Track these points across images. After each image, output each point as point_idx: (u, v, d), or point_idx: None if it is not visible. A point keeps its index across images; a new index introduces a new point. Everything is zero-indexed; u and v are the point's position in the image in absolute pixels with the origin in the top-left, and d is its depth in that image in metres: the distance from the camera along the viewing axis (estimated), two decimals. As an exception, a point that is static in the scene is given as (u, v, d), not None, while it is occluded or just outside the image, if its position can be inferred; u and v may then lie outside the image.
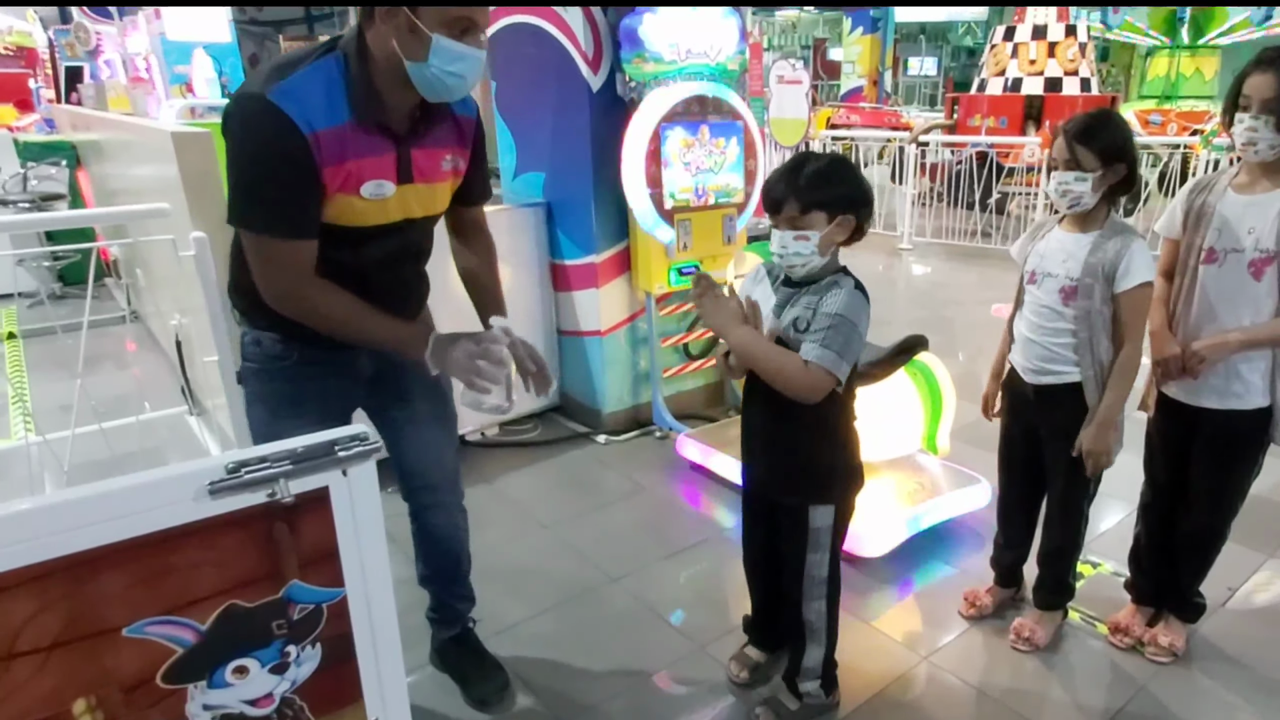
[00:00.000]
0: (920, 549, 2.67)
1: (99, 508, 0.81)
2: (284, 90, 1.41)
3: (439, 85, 1.47)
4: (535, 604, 2.43)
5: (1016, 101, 9.58)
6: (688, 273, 3.51)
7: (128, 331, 5.25)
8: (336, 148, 1.45)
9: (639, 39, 3.20)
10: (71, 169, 6.28)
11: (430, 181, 1.63)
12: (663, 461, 3.35)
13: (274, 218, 1.46)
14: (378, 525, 0.98)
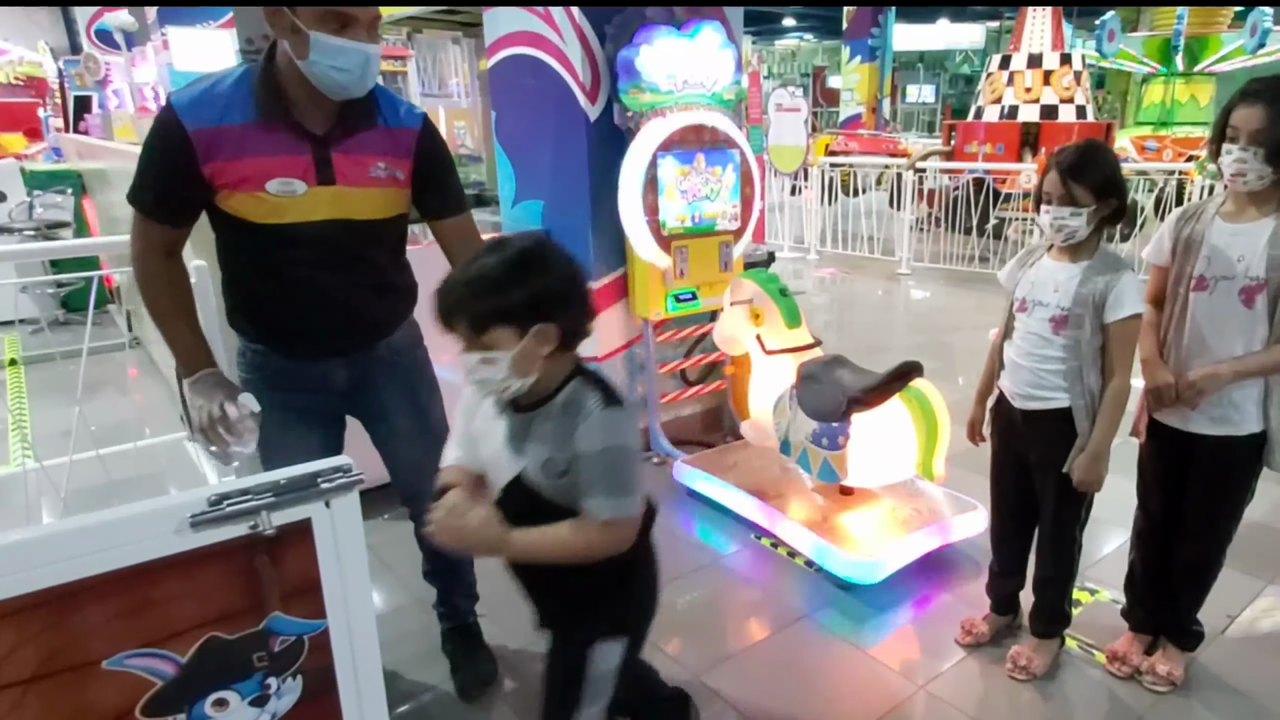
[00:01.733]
0: (916, 576, 2.65)
1: (80, 541, 0.82)
2: (183, 93, 1.58)
3: (327, 80, 1.55)
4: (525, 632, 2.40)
5: (1013, 128, 9.64)
6: (685, 299, 3.53)
7: (129, 358, 5.27)
8: (233, 145, 1.57)
9: (636, 70, 3.24)
10: (77, 197, 6.34)
11: (355, 185, 1.68)
12: (661, 488, 3.33)
13: (138, 193, 1.63)
14: (360, 556, 0.98)
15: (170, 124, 1.55)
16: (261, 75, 1.59)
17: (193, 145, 1.55)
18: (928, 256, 8.04)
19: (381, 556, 2.81)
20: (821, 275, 8.06)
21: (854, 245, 8.68)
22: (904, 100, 22.05)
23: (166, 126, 1.56)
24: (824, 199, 8.89)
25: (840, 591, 2.60)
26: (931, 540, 2.70)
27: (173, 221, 1.65)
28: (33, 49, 13.51)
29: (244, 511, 0.88)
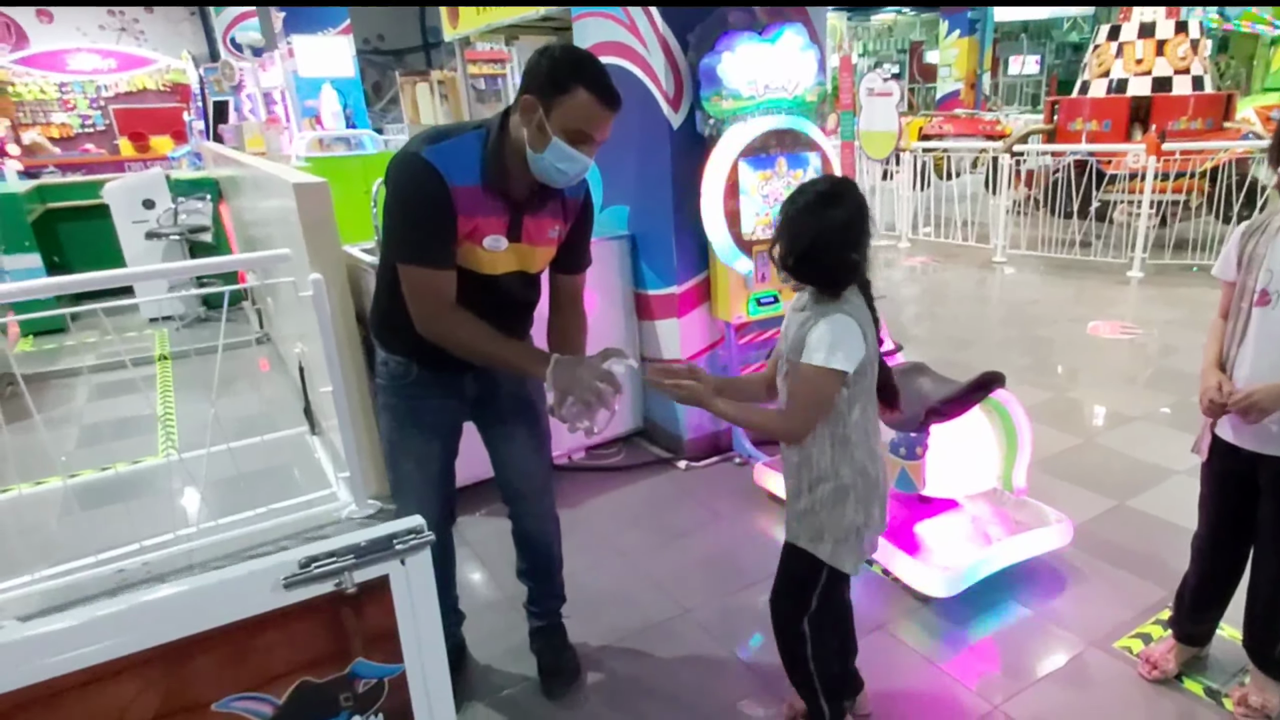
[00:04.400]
0: (997, 589, 2.58)
1: (190, 602, 0.91)
2: (436, 151, 1.72)
3: (548, 174, 1.74)
4: (608, 634, 2.49)
5: (1122, 104, 9.01)
6: (766, 302, 3.51)
7: (262, 351, 5.64)
8: (469, 203, 1.74)
9: (717, 77, 3.22)
10: (215, 203, 6.77)
11: (535, 244, 1.88)
12: (741, 489, 3.35)
13: (422, 251, 1.75)
14: (433, 607, 1.06)
15: (435, 178, 1.69)
16: (494, 147, 1.75)
17: (452, 197, 1.71)
18: (1025, 242, 7.66)
19: (477, 552, 2.94)
20: (912, 264, 7.80)
21: (947, 231, 8.35)
22: (1006, 73, 20.90)
23: (432, 180, 1.69)
24: (916, 184, 8.58)
25: (917, 603, 2.56)
26: (1014, 553, 2.62)
27: (453, 267, 1.78)
28: (177, 58, 14.44)
29: (330, 572, 0.96)
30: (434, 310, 1.78)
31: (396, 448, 2.03)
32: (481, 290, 1.82)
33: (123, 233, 6.34)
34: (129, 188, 6.47)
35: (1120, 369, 4.71)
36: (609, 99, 1.68)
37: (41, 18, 14.51)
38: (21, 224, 6.08)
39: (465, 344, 1.81)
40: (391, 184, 1.76)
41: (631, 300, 3.76)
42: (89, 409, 4.66)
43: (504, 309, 1.89)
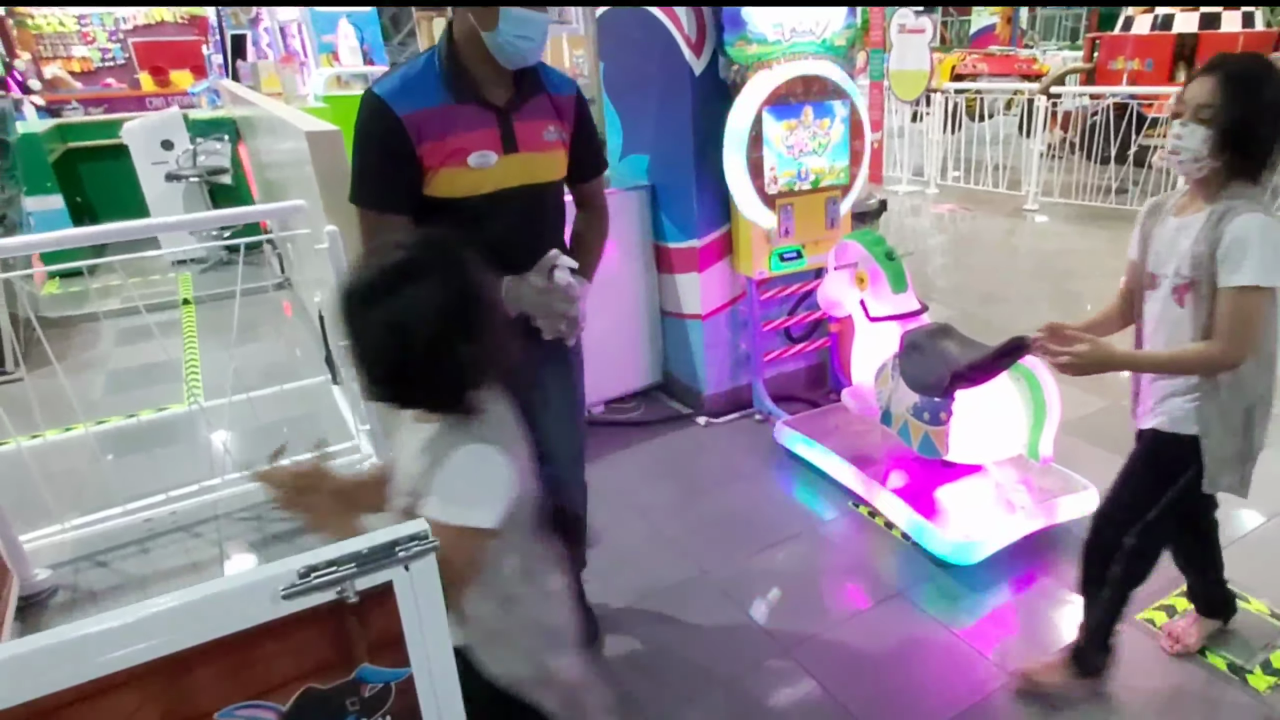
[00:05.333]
0: (1019, 557, 2.53)
1: (187, 615, 0.87)
2: (385, 82, 1.63)
3: (511, 49, 1.61)
4: (627, 594, 2.48)
5: (1166, 41, 8.60)
6: (789, 258, 3.40)
7: (285, 295, 5.61)
8: (435, 126, 1.61)
9: (742, 20, 3.06)
10: (233, 143, 6.66)
11: (534, 151, 1.74)
12: (762, 447, 3.30)
13: (367, 192, 1.67)
14: (439, 611, 1.02)
15: (383, 112, 1.59)
16: (447, 57, 1.64)
17: (406, 129, 1.59)
18: (1058, 189, 7.38)
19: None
20: (940, 211, 7.56)
21: (977, 177, 8.07)
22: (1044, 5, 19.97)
23: (380, 116, 1.59)
24: (947, 126, 8.26)
25: (937, 569, 2.52)
26: (1037, 520, 2.56)
27: (405, 210, 1.68)
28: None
29: (331, 581, 0.92)
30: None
31: None
32: (478, 218, 1.69)
33: (143, 174, 6.27)
34: (147, 128, 6.38)
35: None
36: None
37: (58, -52, 14.21)
38: (43, 165, 6.03)
39: None
40: (355, 127, 1.67)
41: (651, 253, 3.66)
42: (117, 354, 4.68)
43: (518, 233, 1.75)
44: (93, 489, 3.00)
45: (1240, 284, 1.57)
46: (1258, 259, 1.55)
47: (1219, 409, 1.71)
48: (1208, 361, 1.66)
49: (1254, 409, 1.72)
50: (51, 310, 5.33)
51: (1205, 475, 1.76)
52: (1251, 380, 1.70)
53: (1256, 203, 1.60)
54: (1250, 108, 1.56)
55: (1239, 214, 1.58)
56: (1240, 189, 1.62)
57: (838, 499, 2.93)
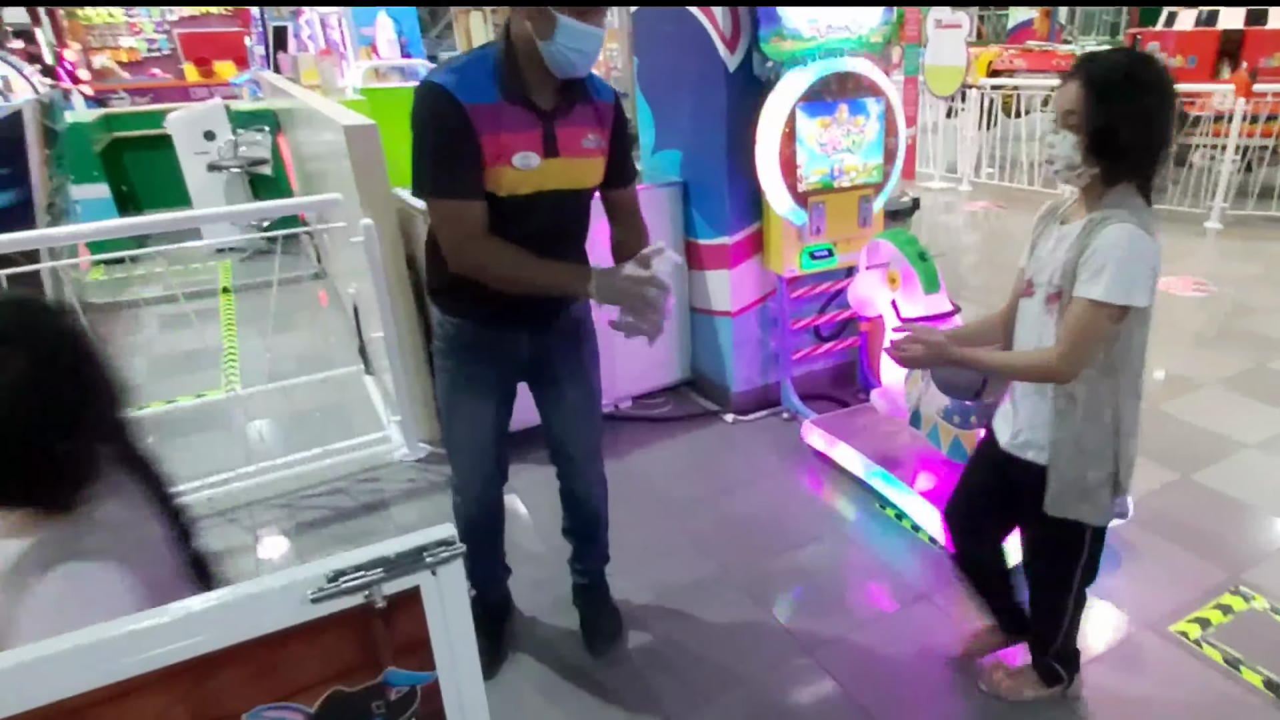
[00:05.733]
0: (1046, 563, 2.47)
1: (220, 616, 0.87)
2: (447, 72, 1.63)
3: (563, 59, 1.61)
4: (650, 591, 2.46)
5: (1210, 38, 8.34)
6: (820, 256, 3.35)
7: (321, 285, 5.67)
8: (491, 120, 1.62)
9: (777, 16, 3.00)
10: (273, 134, 6.73)
11: (574, 156, 1.74)
12: (788, 445, 3.26)
13: (443, 181, 1.64)
14: (466, 616, 1.01)
15: (450, 100, 1.58)
16: (504, 57, 1.64)
17: (470, 118, 1.59)
18: (1095, 187, 7.21)
19: (524, 500, 2.93)
20: (973, 209, 7.42)
21: (1012, 174, 7.91)
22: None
23: (445, 104, 1.58)
24: (982, 123, 8.10)
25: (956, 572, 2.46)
26: (1066, 527, 2.50)
27: (480, 195, 1.66)
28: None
29: (359, 586, 0.91)
30: (464, 242, 1.67)
31: (451, 409, 1.99)
32: (514, 217, 1.70)
33: (185, 164, 6.35)
34: (190, 119, 6.46)
35: (1190, 329, 4.42)
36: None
37: (109, -60, 14.45)
38: (90, 154, 6.13)
39: (501, 271, 1.69)
40: (412, 118, 1.65)
41: (682, 249, 3.63)
42: (158, 340, 4.76)
43: (550, 236, 1.76)
44: (133, 473, 3.05)
45: (1089, 296, 1.50)
46: (1111, 275, 1.47)
47: (1072, 431, 1.62)
48: (1040, 368, 1.60)
49: (1113, 435, 1.62)
50: (96, 296, 5.43)
51: (1047, 495, 1.67)
52: (1110, 404, 1.60)
53: (1134, 213, 1.50)
54: (1112, 112, 1.46)
55: (1109, 224, 1.49)
56: (1121, 197, 1.53)
57: (864, 500, 2.89)
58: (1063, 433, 1.62)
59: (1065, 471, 1.64)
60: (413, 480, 3.11)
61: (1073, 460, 1.63)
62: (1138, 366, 1.62)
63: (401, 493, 3.03)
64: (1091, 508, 1.65)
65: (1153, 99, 1.46)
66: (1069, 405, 1.60)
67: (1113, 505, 1.67)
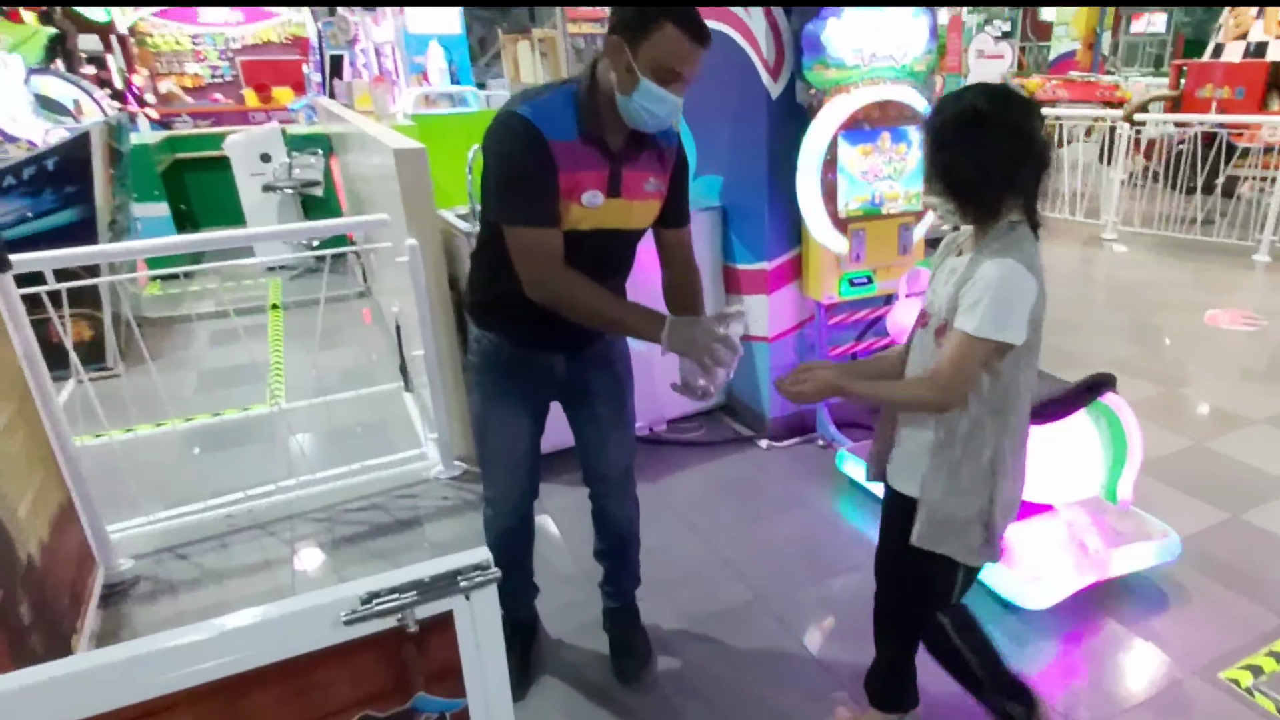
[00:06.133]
0: (1090, 603, 2.38)
1: (253, 636, 0.86)
2: (532, 106, 1.63)
3: (637, 117, 1.63)
4: (681, 617, 2.42)
5: (1259, 69, 8.12)
6: (859, 283, 3.30)
7: (366, 303, 5.75)
8: (568, 158, 1.64)
9: (821, 45, 2.98)
10: (326, 157, 6.88)
11: (634, 199, 1.75)
12: (823, 473, 3.20)
13: (528, 210, 1.65)
14: (498, 642, 0.98)
15: (534, 134, 1.60)
16: (586, 98, 1.66)
17: (552, 153, 1.62)
18: (1139, 219, 7.03)
19: (556, 521, 2.90)
20: (1014, 237, 7.28)
21: (1053, 204, 7.76)
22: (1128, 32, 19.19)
23: (531, 136, 1.60)
24: (1024, 152, 7.95)
25: (1003, 611, 2.38)
26: (1112, 566, 2.40)
27: (559, 225, 1.68)
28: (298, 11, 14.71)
29: (392, 609, 0.90)
30: (546, 271, 1.68)
31: (485, 425, 1.99)
32: (574, 250, 1.71)
33: (241, 184, 6.52)
34: (248, 141, 6.63)
35: (1240, 364, 4.26)
36: (697, 34, 1.57)
37: (180, -28, 15.00)
38: (152, 174, 6.32)
39: (580, 304, 1.70)
40: (492, 146, 1.67)
41: (720, 274, 3.61)
42: (209, 354, 4.85)
43: (598, 273, 1.76)
44: (178, 483, 3.09)
45: (963, 329, 1.45)
46: (984, 309, 1.42)
47: (949, 465, 1.55)
48: (916, 397, 1.56)
49: (988, 473, 1.54)
50: (151, 310, 5.57)
51: (915, 527, 1.60)
52: (991, 444, 1.53)
53: (1017, 248, 1.45)
54: (949, 155, 1.45)
55: (991, 258, 1.45)
56: (1007, 231, 1.47)
57: (901, 531, 2.81)
58: (938, 466, 1.57)
59: (935, 505, 1.58)
60: (447, 498, 3.10)
61: (945, 494, 1.57)
62: (1022, 408, 1.56)
63: (436, 510, 3.03)
64: (961, 545, 1.58)
65: (993, 137, 1.41)
66: (949, 438, 1.55)
67: (985, 547, 1.60)
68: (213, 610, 2.46)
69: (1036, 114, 1.45)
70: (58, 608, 2.12)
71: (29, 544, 2.02)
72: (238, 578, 2.66)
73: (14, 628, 1.81)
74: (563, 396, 2.03)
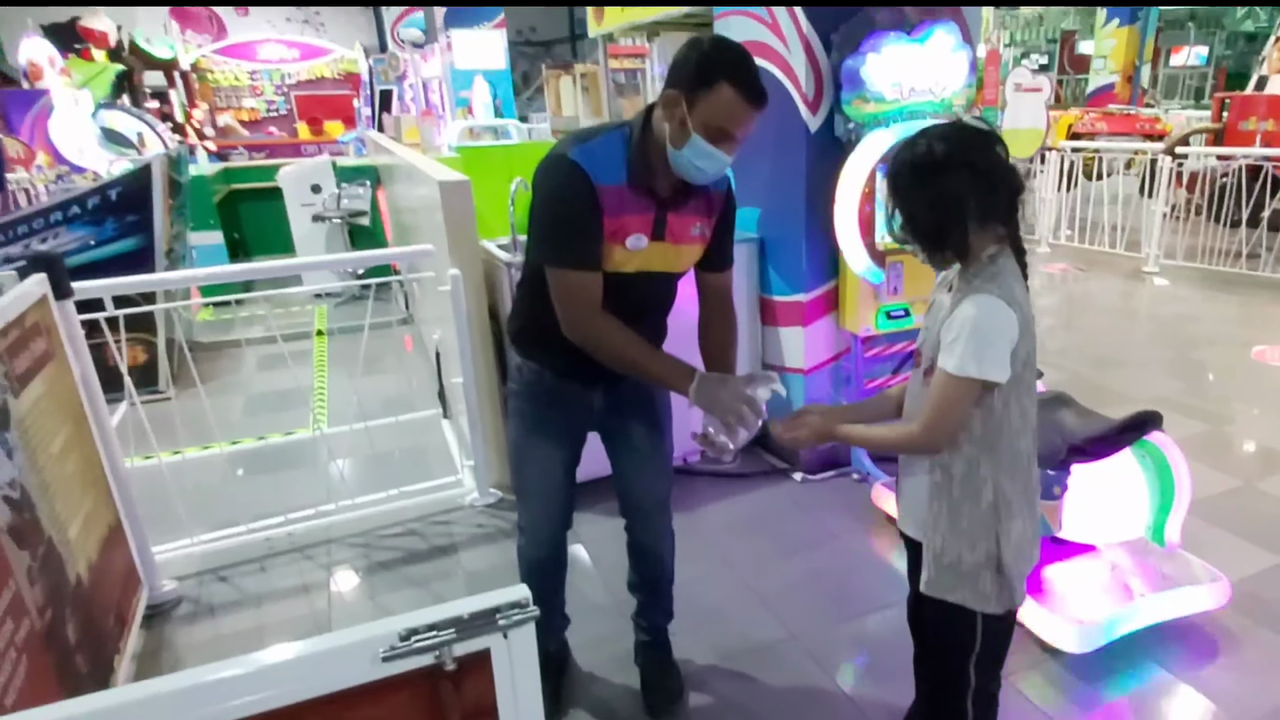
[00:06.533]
0: (1137, 648, 2.28)
1: (289, 671, 0.85)
2: (582, 151, 1.64)
3: (686, 170, 1.64)
4: (713, 652, 2.37)
5: (1304, 102, 7.94)
6: (896, 315, 3.26)
7: (408, 330, 5.82)
8: (615, 202, 1.65)
9: (860, 79, 2.98)
10: (373, 188, 7.03)
11: (678, 242, 1.76)
12: (858, 508, 3.13)
13: (570, 253, 1.67)
14: (535, 683, 0.97)
15: (581, 179, 1.62)
16: (638, 144, 1.66)
17: (599, 198, 1.63)
18: (1182, 252, 6.86)
19: (590, 552, 2.88)
20: (1051, 271, 7.15)
21: (1093, 237, 7.61)
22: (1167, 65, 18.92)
23: (579, 181, 1.62)
24: (1062, 185, 7.85)
25: (1045, 654, 2.30)
26: (1159, 611, 2.31)
27: (600, 268, 1.69)
28: (350, 49, 15.18)
29: (430, 646, 0.88)
30: (583, 314, 1.69)
31: (522, 453, 1.99)
32: (616, 291, 1.72)
33: (292, 214, 6.69)
34: (300, 173, 6.81)
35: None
36: (754, 96, 1.55)
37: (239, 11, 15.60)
38: (208, 204, 6.52)
39: (612, 350, 1.71)
40: (540, 187, 1.69)
41: (756, 305, 3.59)
42: (257, 378, 4.94)
43: (637, 310, 1.79)
44: (221, 506, 3.13)
45: (945, 368, 1.40)
46: (963, 346, 1.38)
47: (949, 507, 1.49)
48: (908, 439, 1.51)
49: (990, 514, 1.47)
50: (203, 335, 5.70)
51: (924, 574, 1.54)
52: (989, 482, 1.46)
53: (999, 282, 1.40)
54: (908, 199, 1.42)
55: (971, 294, 1.40)
56: (990, 265, 1.42)
57: (939, 569, 2.73)
58: (937, 509, 1.51)
59: (940, 550, 1.52)
60: (482, 525, 3.10)
61: (947, 538, 1.51)
62: (1020, 445, 1.49)
63: (470, 537, 3.02)
64: (973, 593, 1.51)
65: (952, 179, 1.37)
66: (945, 480, 1.49)
67: (1000, 593, 1.52)
68: (250, 634, 2.48)
69: (995, 143, 1.42)
70: (103, 628, 2.15)
71: (78, 564, 2.05)
72: (276, 602, 2.67)
73: (61, 648, 1.83)
74: (601, 428, 2.02)
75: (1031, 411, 1.50)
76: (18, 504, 1.75)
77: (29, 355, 2.00)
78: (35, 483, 1.87)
